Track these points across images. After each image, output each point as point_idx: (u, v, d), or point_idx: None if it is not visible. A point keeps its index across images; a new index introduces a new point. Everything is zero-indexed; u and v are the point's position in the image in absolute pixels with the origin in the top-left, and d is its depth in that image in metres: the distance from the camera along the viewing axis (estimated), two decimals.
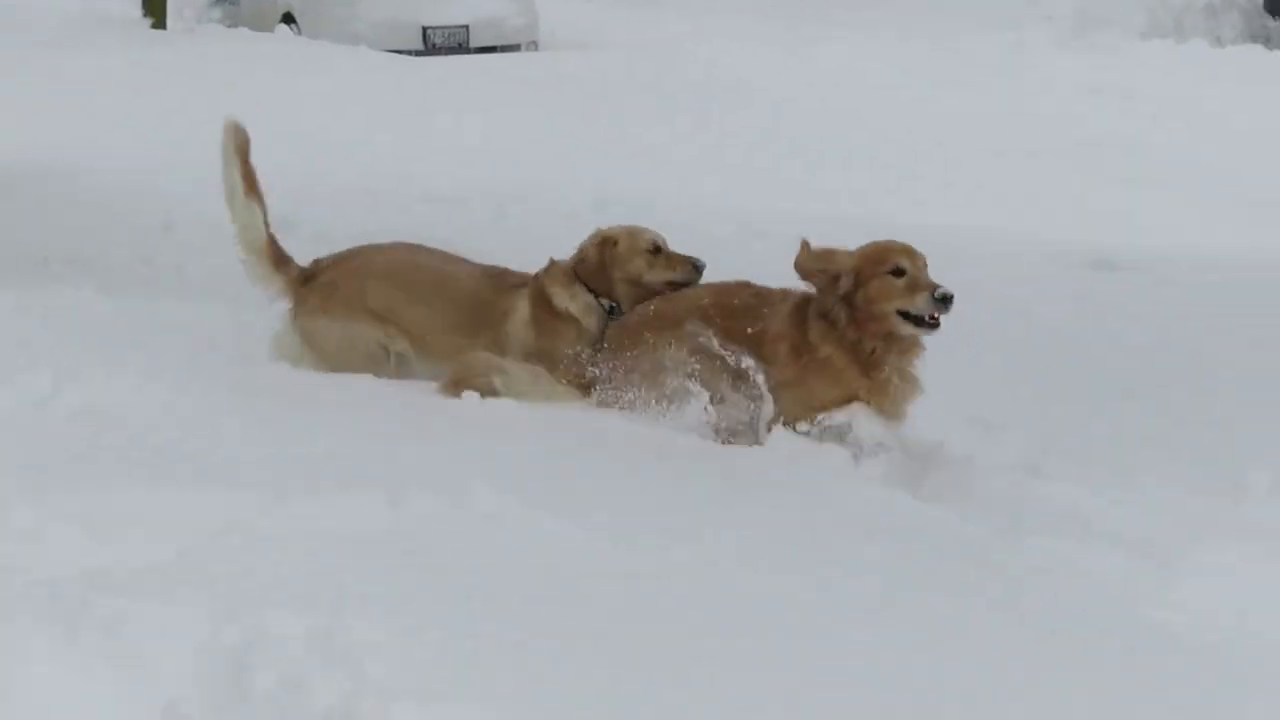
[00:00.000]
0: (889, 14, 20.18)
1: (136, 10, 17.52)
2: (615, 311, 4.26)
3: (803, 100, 14.20)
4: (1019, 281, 7.24)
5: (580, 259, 4.30)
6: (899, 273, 4.01)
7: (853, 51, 16.36)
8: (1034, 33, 17.88)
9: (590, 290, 4.23)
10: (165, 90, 13.34)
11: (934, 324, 4.02)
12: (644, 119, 13.39)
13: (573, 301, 4.22)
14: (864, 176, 11.63)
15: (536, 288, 4.24)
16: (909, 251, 4.13)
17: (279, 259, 4.32)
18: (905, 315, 4.02)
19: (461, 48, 18.85)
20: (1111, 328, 6.20)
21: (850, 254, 4.13)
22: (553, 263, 4.32)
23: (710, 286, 4.38)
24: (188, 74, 14.23)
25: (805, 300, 4.22)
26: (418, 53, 18.31)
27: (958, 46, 16.32)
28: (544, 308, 4.20)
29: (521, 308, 4.21)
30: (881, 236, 4.34)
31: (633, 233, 4.36)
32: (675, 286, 4.25)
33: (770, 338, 4.16)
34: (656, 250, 4.30)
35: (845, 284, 4.05)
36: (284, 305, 4.32)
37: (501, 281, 4.34)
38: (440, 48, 18.83)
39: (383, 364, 4.26)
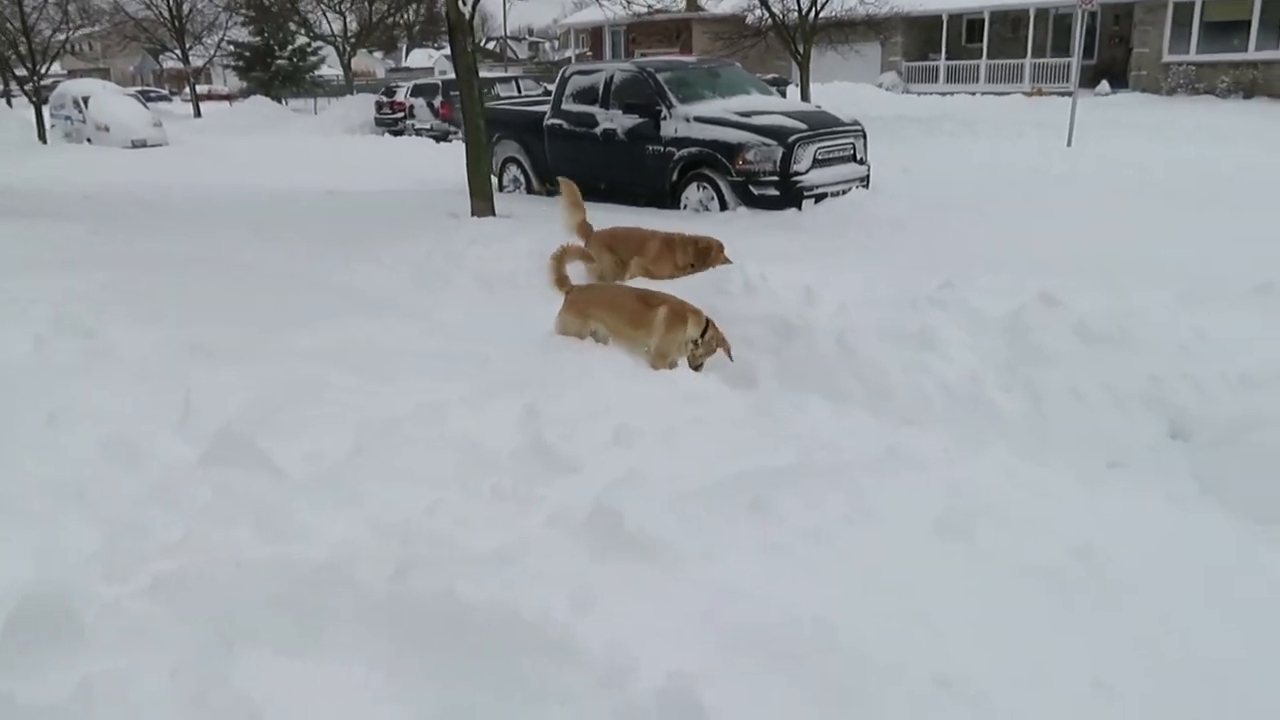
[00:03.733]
0: None
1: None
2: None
3: None
4: None
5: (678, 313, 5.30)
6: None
7: None
8: None
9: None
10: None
11: None
12: None
13: (692, 326, 5.27)
14: None
15: (667, 312, 5.27)
16: None
17: (563, 280, 5.67)
18: None
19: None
20: None
21: None
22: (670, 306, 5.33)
23: None
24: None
25: None
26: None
27: None
28: (674, 320, 5.25)
29: (660, 316, 5.24)
30: None
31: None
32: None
33: None
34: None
35: None
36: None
37: (648, 302, 5.39)
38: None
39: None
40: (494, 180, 13.82)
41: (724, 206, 10.99)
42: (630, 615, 2.10)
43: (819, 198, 10.85)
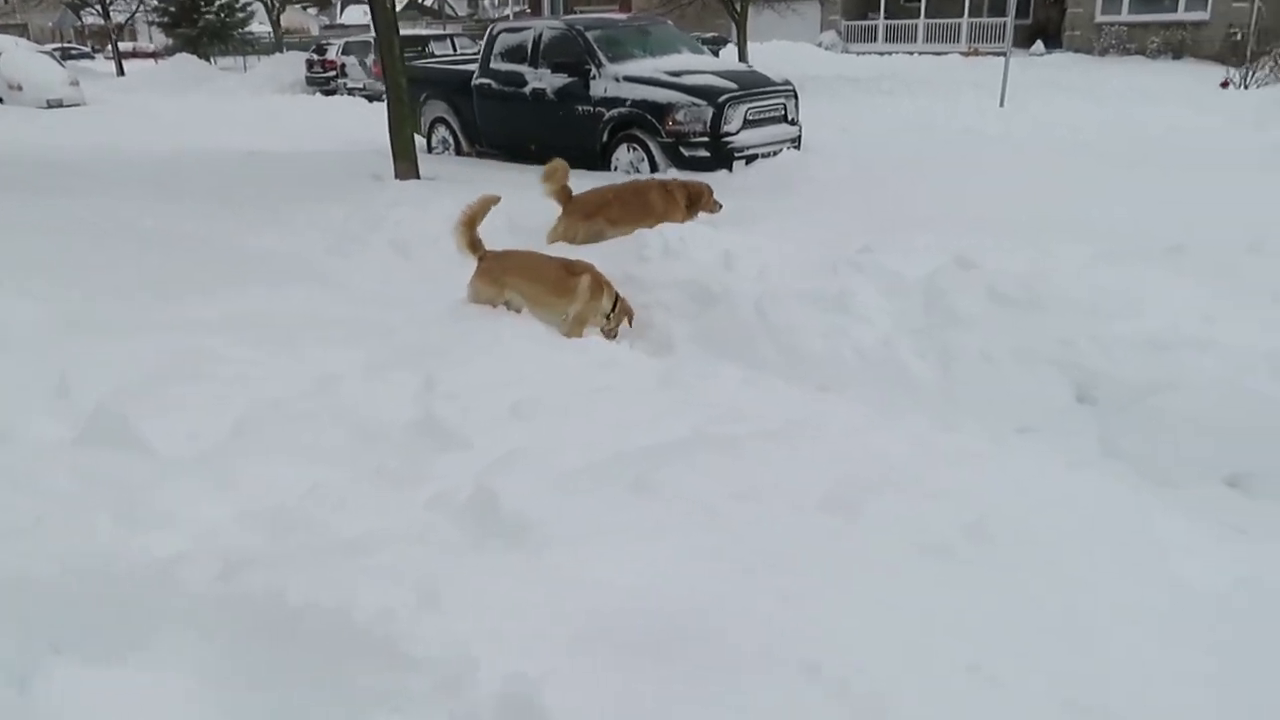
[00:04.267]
0: None
1: None
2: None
3: None
4: None
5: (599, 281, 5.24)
6: None
7: None
8: None
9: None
10: None
11: None
12: None
13: (606, 297, 5.20)
14: None
15: (590, 280, 5.21)
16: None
17: (474, 244, 5.32)
18: None
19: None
20: None
21: None
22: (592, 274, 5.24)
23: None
24: None
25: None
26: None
27: None
28: (596, 288, 5.19)
29: (584, 284, 5.16)
30: None
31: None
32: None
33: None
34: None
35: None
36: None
37: (570, 269, 5.25)
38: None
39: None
40: (423, 141, 13.62)
41: (654, 168, 10.81)
42: (481, 610, 1.97)
43: (750, 159, 10.72)
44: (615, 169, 11.20)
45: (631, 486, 2.59)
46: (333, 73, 26.59)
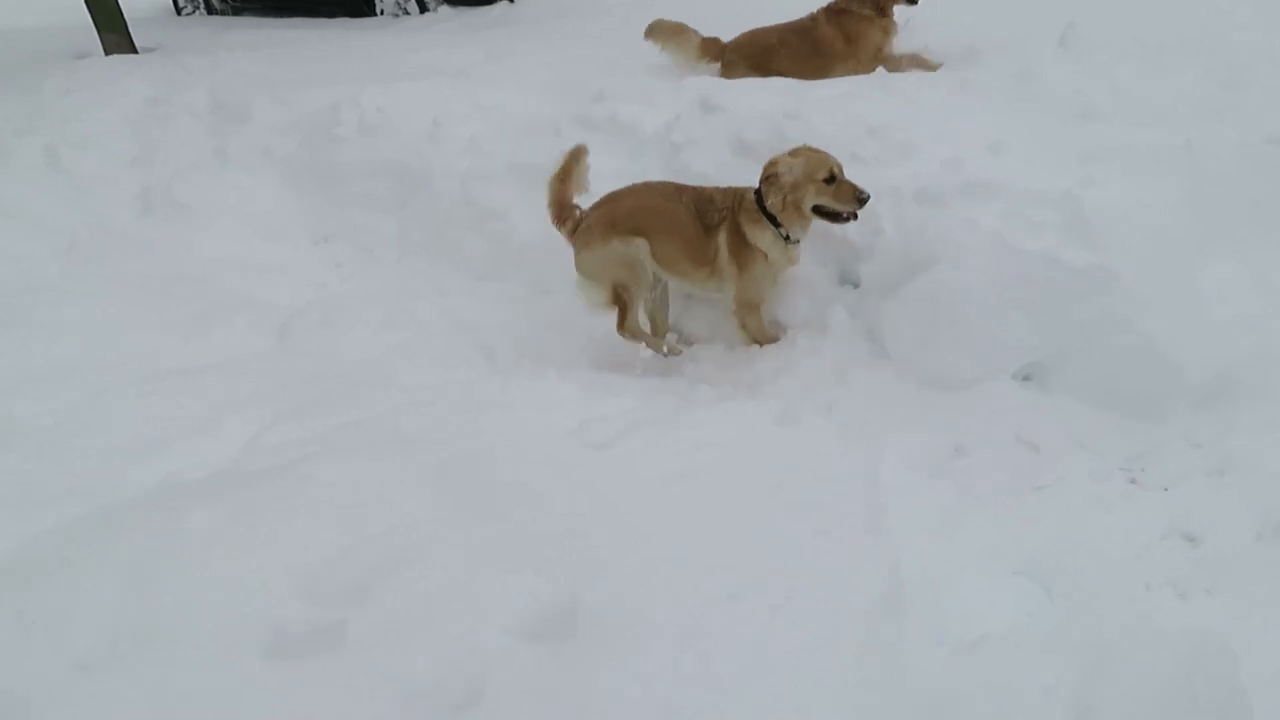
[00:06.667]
0: None
1: None
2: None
3: None
4: None
5: (758, 191, 3.27)
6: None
7: None
8: None
9: (774, 222, 3.24)
10: None
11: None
12: None
13: (760, 238, 3.26)
14: None
15: (733, 223, 3.32)
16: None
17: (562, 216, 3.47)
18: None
19: None
20: None
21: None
22: (746, 196, 3.31)
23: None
24: None
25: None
26: None
27: None
28: (741, 242, 3.30)
29: (723, 244, 3.32)
30: None
31: (810, 159, 3.19)
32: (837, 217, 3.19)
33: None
34: (830, 179, 3.15)
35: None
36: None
37: (709, 219, 3.34)
38: None
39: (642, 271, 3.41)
40: (171, 3, 11.45)
41: (424, 8, 9.11)
42: None
43: None
44: (381, 12, 9.44)
45: None
46: None
